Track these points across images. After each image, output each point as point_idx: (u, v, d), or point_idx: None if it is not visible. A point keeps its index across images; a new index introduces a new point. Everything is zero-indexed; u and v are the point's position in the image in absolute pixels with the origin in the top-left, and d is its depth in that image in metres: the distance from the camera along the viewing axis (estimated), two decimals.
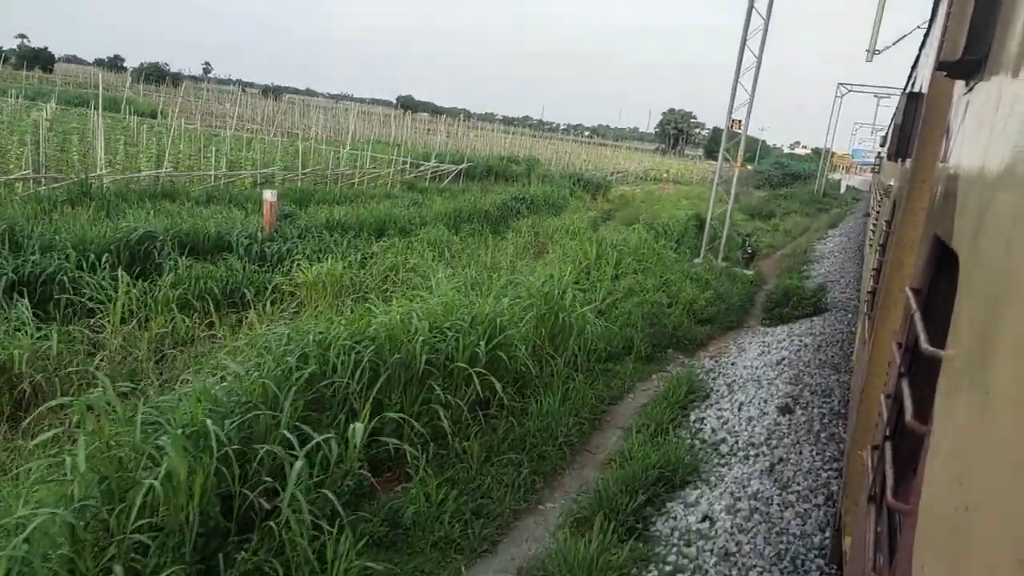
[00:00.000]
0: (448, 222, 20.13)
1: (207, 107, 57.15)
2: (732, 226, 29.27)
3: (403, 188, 27.85)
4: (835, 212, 38.74)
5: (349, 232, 15.08)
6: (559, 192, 30.64)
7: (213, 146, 26.44)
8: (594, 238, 12.77)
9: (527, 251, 17.80)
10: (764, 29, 15.67)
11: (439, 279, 9.53)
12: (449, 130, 65.37)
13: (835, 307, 12.82)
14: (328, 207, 19.78)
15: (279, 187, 22.93)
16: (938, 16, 4.45)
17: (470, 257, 14.55)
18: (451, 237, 16.59)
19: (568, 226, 20.88)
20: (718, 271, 14.83)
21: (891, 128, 7.52)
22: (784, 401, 7.37)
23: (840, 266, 18.53)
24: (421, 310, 6.59)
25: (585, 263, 12.11)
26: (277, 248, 12.23)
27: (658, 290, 11.63)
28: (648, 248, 12.94)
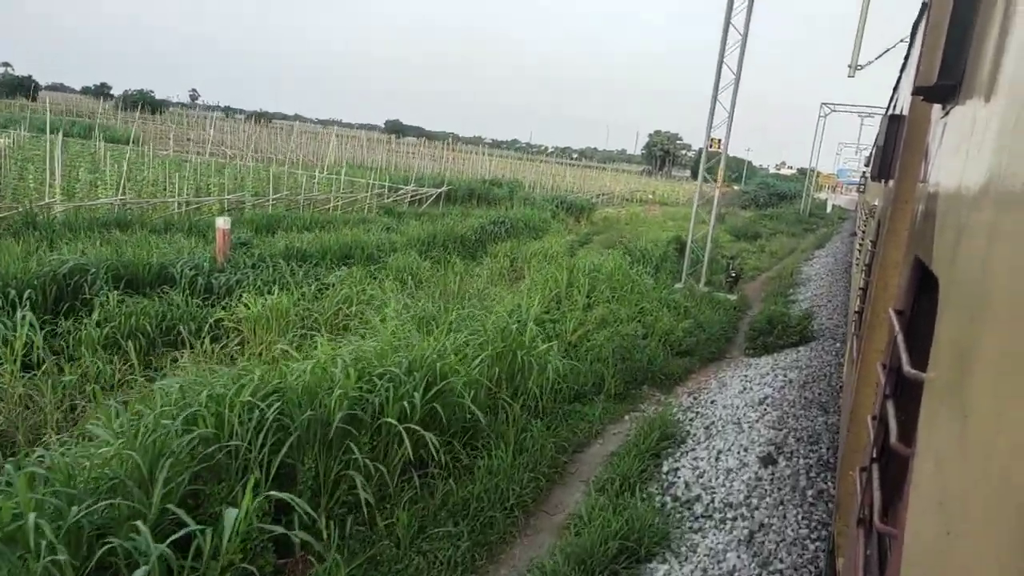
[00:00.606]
0: (421, 248, 19.36)
1: (186, 133, 56.44)
2: (715, 248, 28.70)
3: (379, 213, 27.07)
4: (821, 232, 38.24)
5: (310, 260, 14.27)
6: (540, 215, 29.94)
7: (181, 172, 25.70)
8: (565, 265, 12.01)
9: (502, 277, 17.03)
10: (742, 45, 15.09)
11: (389, 313, 8.72)
12: (434, 154, 65.01)
13: (822, 335, 12.07)
14: (294, 234, 18.98)
15: (248, 213, 22.17)
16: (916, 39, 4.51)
17: (437, 286, 13.75)
18: (421, 264, 15.80)
19: (546, 250, 20.15)
20: (699, 297, 14.08)
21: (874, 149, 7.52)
22: (766, 450, 6.56)
23: (827, 289, 17.83)
24: (350, 355, 5.76)
25: (555, 291, 11.32)
26: (226, 279, 11.38)
27: (633, 320, 10.83)
28: (623, 274, 12.17)
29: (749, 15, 14.96)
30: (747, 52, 15.17)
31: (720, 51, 15.23)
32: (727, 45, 15.27)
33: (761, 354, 11.42)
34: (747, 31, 15.06)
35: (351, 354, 5.81)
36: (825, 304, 15.48)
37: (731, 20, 15.17)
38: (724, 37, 15.18)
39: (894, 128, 4.50)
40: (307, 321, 9.77)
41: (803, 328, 11.67)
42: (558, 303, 11.26)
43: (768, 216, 45.50)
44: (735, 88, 15.33)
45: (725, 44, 15.24)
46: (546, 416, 7.69)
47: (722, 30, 15.17)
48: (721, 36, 15.20)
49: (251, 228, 19.12)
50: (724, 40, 15.21)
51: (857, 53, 15.31)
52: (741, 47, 15.13)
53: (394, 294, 10.93)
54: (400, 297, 10.68)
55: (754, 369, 10.06)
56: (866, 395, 4.01)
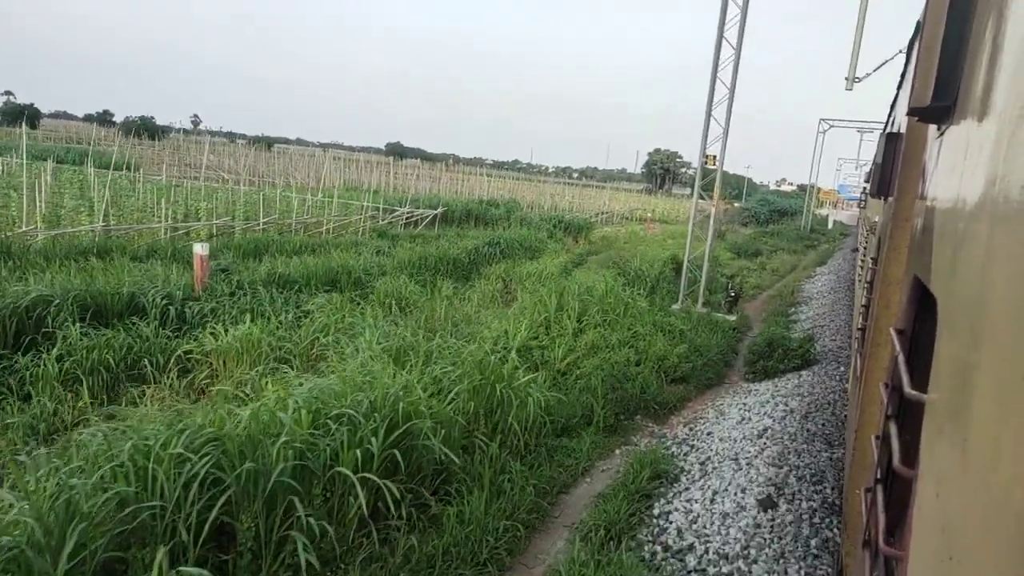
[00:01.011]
0: (412, 271, 18.92)
1: (183, 158, 56.37)
2: (715, 267, 28.18)
3: (373, 235, 26.61)
4: (823, 248, 37.75)
5: (293, 287, 13.78)
6: (536, 236, 29.51)
7: (173, 197, 25.32)
8: (554, 288, 11.50)
9: (494, 300, 16.54)
10: (735, 60, 14.70)
11: (361, 345, 8.21)
12: (432, 175, 64.81)
13: (825, 358, 11.52)
14: (282, 258, 18.55)
15: (238, 238, 21.76)
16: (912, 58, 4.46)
17: (424, 311, 13.25)
18: (410, 288, 15.31)
19: (540, 271, 19.68)
20: (696, 319, 13.54)
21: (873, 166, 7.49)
22: (766, 491, 6.00)
23: (830, 308, 17.30)
24: (306, 395, 5.24)
25: (544, 316, 10.81)
26: (200, 308, 10.89)
27: (625, 346, 10.30)
28: (615, 297, 11.65)
29: (742, 29, 14.59)
30: (745, 69, 14.82)
31: (713, 66, 14.84)
32: (720, 60, 14.88)
33: (761, 379, 10.88)
34: (740, 45, 14.68)
35: (308, 393, 5.28)
36: (827, 324, 14.94)
37: (724, 34, 14.80)
38: (717, 52, 14.80)
39: (892, 146, 4.51)
40: (280, 352, 9.25)
41: (805, 351, 11.12)
42: (547, 328, 10.75)
43: (769, 233, 45.05)
44: (729, 103, 14.92)
45: (719, 59, 14.85)
46: (530, 453, 7.16)
47: (715, 44, 14.80)
48: (714, 51, 14.81)
49: (238, 253, 18.70)
50: (717, 55, 14.82)
51: (854, 66, 14.91)
52: (735, 62, 14.74)
53: (375, 322, 10.43)
54: (380, 325, 10.17)
55: (753, 396, 9.50)
56: (870, 414, 3.99)
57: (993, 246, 1.22)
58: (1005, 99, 1.32)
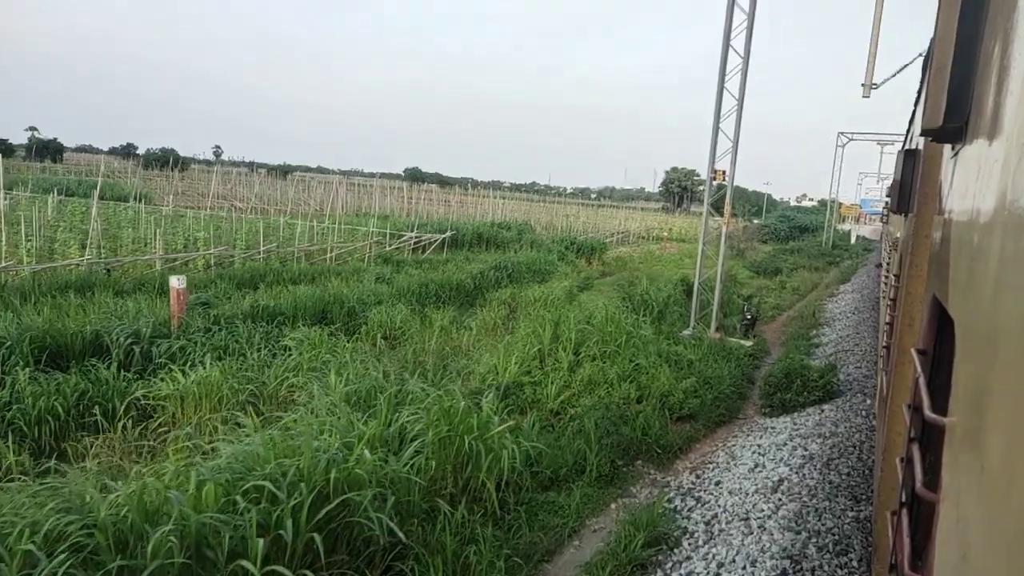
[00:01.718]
0: (411, 299, 18.14)
1: (197, 187, 56.46)
2: (731, 287, 27.08)
3: (377, 262, 25.92)
4: (846, 265, 36.44)
5: (278, 320, 13.01)
6: (546, 258, 28.67)
7: (174, 227, 24.88)
8: (548, 318, 10.60)
9: (495, 328, 15.67)
10: (743, 69, 13.83)
11: (326, 388, 7.38)
12: (447, 199, 64.39)
13: (849, 388, 10.48)
14: (278, 288, 17.88)
15: (238, 268, 21.18)
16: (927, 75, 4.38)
17: (415, 343, 12.41)
18: (406, 318, 14.51)
19: (546, 296, 18.80)
20: (708, 346, 12.56)
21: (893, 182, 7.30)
22: (780, 566, 5.02)
23: (854, 329, 16.19)
24: (219, 464, 4.39)
25: (537, 348, 9.91)
26: (168, 347, 10.14)
27: (626, 380, 9.36)
28: (616, 326, 10.72)
29: (750, 36, 13.74)
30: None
31: (720, 76, 13.98)
32: (728, 69, 14.03)
33: (779, 413, 9.86)
34: (748, 53, 13.81)
35: (224, 461, 4.43)
36: (852, 348, 13.86)
37: (730, 42, 13.96)
38: (724, 61, 13.95)
39: (910, 163, 4.43)
40: (244, 395, 8.44)
41: (827, 382, 10.09)
42: (541, 361, 9.84)
43: (789, 250, 43.82)
44: (738, 115, 14.04)
45: (725, 68, 14.00)
46: (508, 513, 6.24)
47: (721, 52, 13.96)
48: (720, 59, 13.97)
49: (232, 284, 18.06)
50: (724, 64, 13.97)
51: (871, 72, 13.98)
52: (743, 71, 13.88)
53: (352, 359, 9.60)
54: (358, 363, 9.34)
55: (769, 436, 8.50)
56: (896, 435, 3.89)
57: (1008, 268, 1.21)
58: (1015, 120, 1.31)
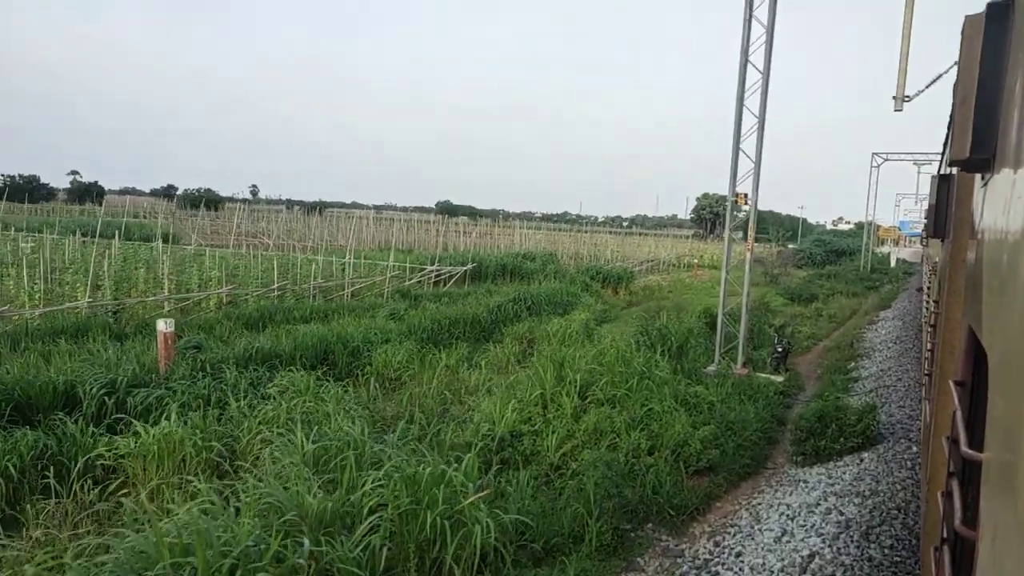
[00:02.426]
0: (423, 335, 17.39)
1: (226, 226, 56.76)
2: (765, 315, 25.80)
3: (395, 296, 25.27)
4: (886, 290, 34.83)
5: (273, 363, 12.31)
6: (568, 289, 27.77)
7: (191, 265, 24.62)
8: (552, 357, 9.70)
9: (508, 365, 14.81)
10: (764, 84, 12.94)
11: (288, 446, 6.59)
12: (477, 231, 64.02)
13: (892, 432, 9.36)
14: (287, 327, 17.28)
15: (251, 306, 20.69)
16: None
17: (416, 387, 11.60)
18: (413, 357, 13.73)
19: (564, 330, 17.88)
20: (733, 383, 11.50)
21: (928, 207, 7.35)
22: None
23: (896, 361, 14.95)
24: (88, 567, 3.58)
25: (539, 392, 9.01)
26: (144, 397, 9.48)
27: (637, 428, 8.39)
28: (628, 365, 9.77)
29: (769, 51, 12.87)
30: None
31: (739, 93, 13.12)
32: (747, 85, 13.17)
33: (812, 462, 8.79)
34: (768, 69, 12.93)
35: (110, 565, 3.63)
36: (894, 383, 12.66)
37: (748, 57, 13.11)
38: (742, 78, 13.09)
39: (944, 187, 4.43)
40: (214, 453, 7.68)
41: (866, 426, 8.98)
42: (544, 407, 8.94)
43: (825, 275, 42.25)
44: (759, 135, 13.11)
45: (744, 85, 13.14)
46: None
47: (739, 69, 13.11)
48: (738, 76, 13.12)
49: (240, 324, 17.53)
50: (742, 81, 13.11)
51: (903, 84, 12.97)
52: (762, 88, 12.99)
53: (338, 408, 8.81)
54: (342, 414, 8.54)
55: (800, 493, 7.45)
56: (939, 466, 3.82)
57: None
58: None
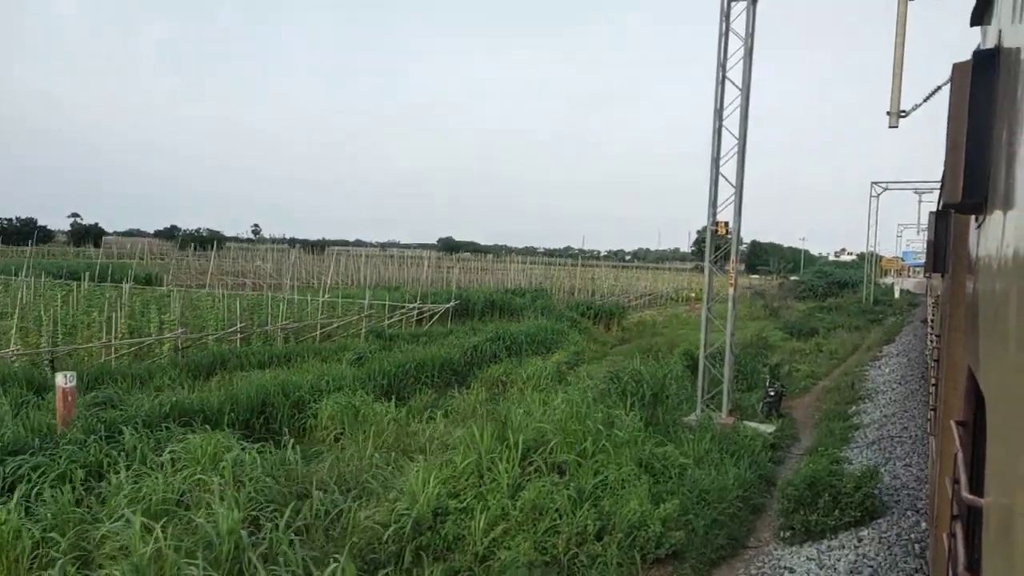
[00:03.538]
0: (386, 381, 15.99)
1: (221, 265, 55.46)
2: (762, 351, 24.26)
3: (370, 337, 23.82)
4: (890, 323, 33.33)
5: (194, 420, 10.86)
6: (554, 326, 26.32)
7: (149, 308, 23.30)
8: (493, 414, 8.27)
9: (474, 415, 13.33)
10: (743, 103, 11.69)
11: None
12: (473, 267, 62.83)
13: (896, 501, 7.86)
14: (240, 373, 15.90)
15: (211, 348, 19.30)
16: None
17: (355, 445, 10.14)
18: (346, 410, 12.18)
19: (540, 373, 16.43)
20: (713, 437, 10.01)
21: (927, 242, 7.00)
22: None
23: (901, 406, 13.44)
24: None
25: (473, 459, 7.54)
26: (15, 468, 8.04)
27: (586, 502, 6.92)
28: (585, 421, 8.30)
29: (748, 65, 11.64)
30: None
31: (715, 111, 11.87)
32: (726, 103, 11.92)
33: (802, 540, 7.29)
34: (748, 85, 11.69)
35: None
36: (899, 434, 11.16)
37: (726, 73, 11.88)
38: (720, 95, 11.85)
39: (943, 224, 4.45)
40: (54, 548, 6.23)
41: (865, 495, 7.48)
42: (481, 476, 7.47)
43: (827, 308, 40.74)
44: (740, 157, 11.82)
45: (723, 101, 11.89)
46: None
47: (715, 86, 11.88)
48: (715, 94, 11.88)
49: (186, 372, 16.10)
50: (720, 98, 11.87)
51: (898, 98, 11.69)
52: (742, 105, 11.74)
53: (228, 481, 7.37)
54: (230, 491, 7.10)
55: None
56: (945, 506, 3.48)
57: None
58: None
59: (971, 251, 2.71)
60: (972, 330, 2.25)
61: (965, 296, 3.37)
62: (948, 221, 4.30)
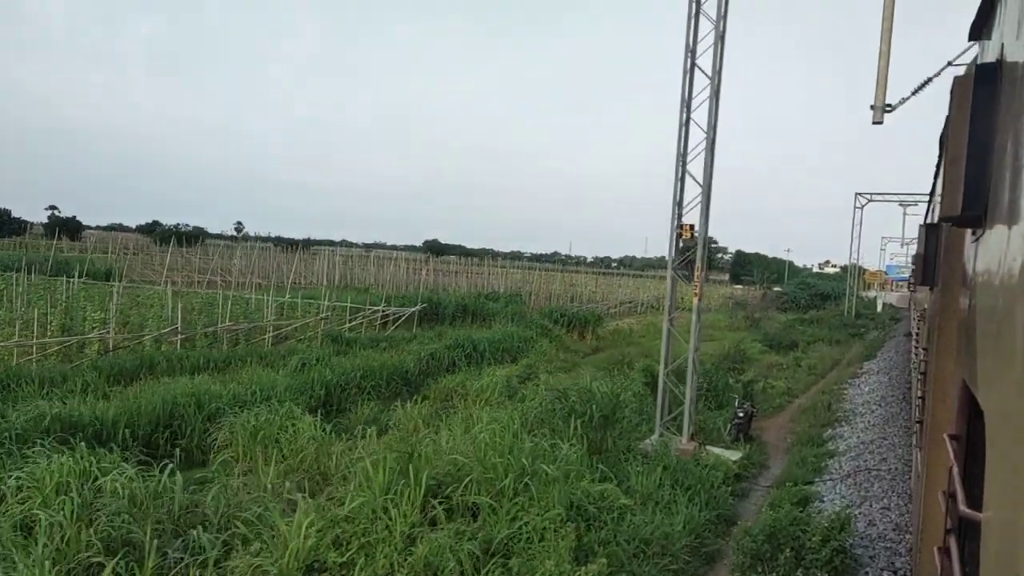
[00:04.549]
0: (325, 392, 14.68)
1: (193, 262, 53.74)
2: (740, 363, 23.11)
3: (326, 341, 22.43)
4: (872, 337, 32.34)
5: (83, 434, 9.49)
6: (522, 333, 25.04)
7: (83, 304, 21.81)
8: (394, 445, 6.98)
9: (415, 434, 12.03)
10: (713, 90, 10.49)
11: None
12: (448, 269, 61.49)
13: (871, 556, 6.63)
14: (166, 380, 14.50)
15: (148, 351, 17.89)
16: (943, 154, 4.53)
17: (254, 470, 8.80)
18: (278, 423, 10.91)
19: (495, 385, 15.15)
20: (667, 467, 8.76)
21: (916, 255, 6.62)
22: None
23: (880, 432, 12.26)
24: None
25: (363, 502, 6.23)
26: None
27: (494, 556, 5.64)
28: (508, 453, 7.01)
29: (719, 50, 10.44)
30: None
31: (682, 101, 10.65)
32: (694, 92, 10.72)
33: None
34: (719, 72, 10.49)
35: None
36: (877, 465, 9.97)
37: (696, 60, 10.68)
38: (688, 84, 10.65)
39: (933, 237, 4.34)
40: None
41: (834, 551, 6.25)
42: (374, 521, 6.17)
43: (808, 320, 39.72)
44: (708, 152, 10.61)
45: (691, 91, 10.69)
46: None
47: (683, 74, 10.67)
48: (682, 82, 10.68)
49: (104, 377, 14.65)
50: (688, 87, 10.67)
51: (883, 91, 10.51)
52: (712, 94, 10.54)
53: (81, 515, 6.03)
54: (71, 531, 5.77)
55: None
56: (933, 520, 3.60)
57: None
58: None
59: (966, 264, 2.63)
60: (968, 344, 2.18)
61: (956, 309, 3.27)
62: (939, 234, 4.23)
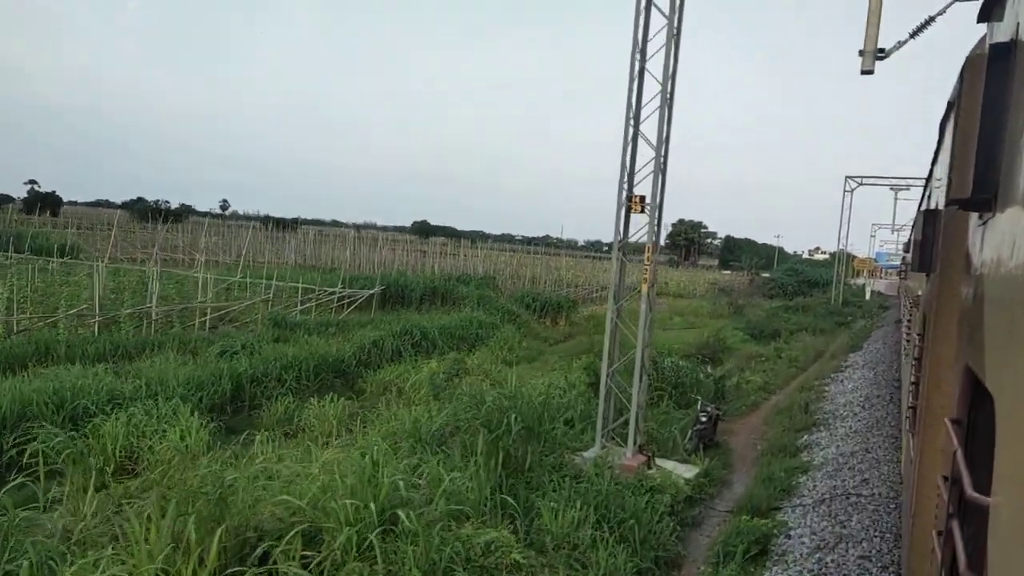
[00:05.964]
0: (232, 386, 12.92)
1: (171, 240, 51.32)
2: (720, 354, 21.42)
3: (267, 324, 20.58)
4: (859, 326, 30.70)
5: None
6: (483, 319, 23.28)
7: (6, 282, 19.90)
8: (183, 484, 5.21)
9: (330, 438, 10.28)
10: (671, 34, 8.62)
11: None
12: (426, 251, 59.53)
13: None
14: (55, 369, 12.70)
15: (60, 333, 16.08)
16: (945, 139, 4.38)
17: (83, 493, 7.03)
18: (167, 425, 9.14)
19: (420, 383, 13.32)
20: (599, 492, 7.01)
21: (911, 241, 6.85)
22: None
23: (863, 441, 10.56)
24: None
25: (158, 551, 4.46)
26: None
27: None
28: (358, 493, 5.21)
29: None
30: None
31: (635, 41, 8.80)
32: (648, 35, 8.87)
33: None
34: (679, 9, 8.63)
35: None
36: (857, 488, 8.26)
37: (650, 6, 8.81)
38: (644, 24, 8.79)
39: (931, 222, 4.31)
40: None
41: None
42: (242, 559, 4.38)
43: (793, 307, 38.09)
44: (664, 108, 8.76)
45: (646, 34, 8.84)
46: None
47: (636, 12, 8.80)
48: (634, 22, 8.82)
49: None
50: (644, 27, 8.81)
51: (875, 34, 8.68)
52: (668, 34, 8.67)
53: None
54: None
55: None
56: (927, 505, 3.60)
57: None
58: None
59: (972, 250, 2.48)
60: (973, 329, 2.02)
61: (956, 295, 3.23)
62: (938, 220, 4.06)
